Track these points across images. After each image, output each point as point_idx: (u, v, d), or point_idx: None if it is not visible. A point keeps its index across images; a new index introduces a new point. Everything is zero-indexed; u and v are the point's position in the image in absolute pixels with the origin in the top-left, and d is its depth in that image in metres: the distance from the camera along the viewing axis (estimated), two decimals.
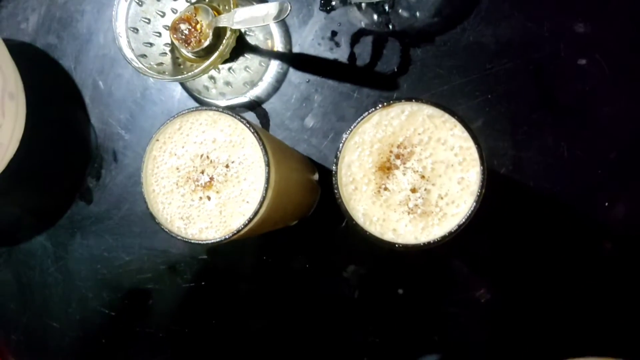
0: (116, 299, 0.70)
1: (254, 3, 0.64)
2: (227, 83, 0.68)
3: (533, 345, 0.60)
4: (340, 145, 0.44)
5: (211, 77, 0.68)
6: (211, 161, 0.47)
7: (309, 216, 0.65)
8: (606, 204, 0.58)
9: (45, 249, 0.72)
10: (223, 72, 0.68)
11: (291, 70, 0.67)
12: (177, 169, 0.48)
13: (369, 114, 0.44)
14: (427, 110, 0.44)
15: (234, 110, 0.68)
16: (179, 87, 0.70)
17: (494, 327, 0.61)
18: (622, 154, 0.58)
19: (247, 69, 0.68)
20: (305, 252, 0.65)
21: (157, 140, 0.48)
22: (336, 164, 0.44)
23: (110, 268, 0.70)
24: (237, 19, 0.58)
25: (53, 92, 0.73)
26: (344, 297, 0.64)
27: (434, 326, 0.62)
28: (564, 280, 0.59)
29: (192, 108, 0.48)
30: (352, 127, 0.44)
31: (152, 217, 0.48)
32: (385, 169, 0.44)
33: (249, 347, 0.66)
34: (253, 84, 0.68)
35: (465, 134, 0.42)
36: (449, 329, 0.62)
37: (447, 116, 0.43)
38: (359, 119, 0.44)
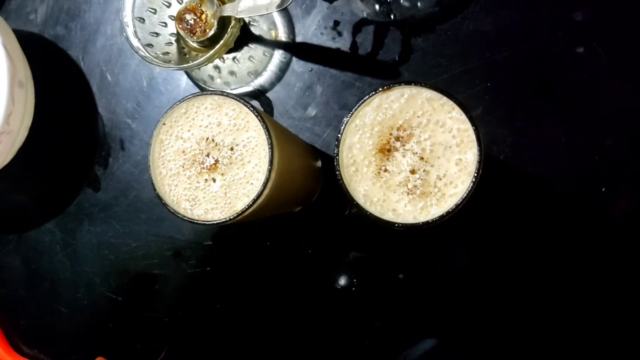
0: (123, 284, 0.71)
1: None
2: (232, 72, 0.69)
3: (532, 329, 0.61)
4: (342, 128, 0.46)
5: (216, 67, 0.69)
6: (216, 144, 0.49)
7: (312, 203, 0.66)
8: (603, 189, 0.59)
9: (54, 236, 0.73)
10: (227, 62, 0.69)
11: (294, 59, 0.68)
12: (184, 152, 0.49)
13: (369, 97, 0.45)
14: (426, 93, 0.45)
15: None
16: (185, 77, 0.71)
17: (494, 312, 0.62)
18: (618, 140, 0.59)
19: (251, 58, 0.69)
20: (308, 238, 0.66)
21: (164, 124, 0.50)
22: (337, 147, 0.46)
23: (117, 254, 0.71)
24: (241, 7, 0.59)
25: (61, 82, 0.74)
26: (346, 282, 0.65)
27: (434, 310, 0.63)
28: (562, 265, 0.60)
29: (198, 93, 0.49)
30: (353, 110, 0.46)
31: (159, 199, 0.49)
32: (385, 151, 0.45)
33: (252, 331, 0.68)
34: (257, 74, 0.69)
35: (463, 117, 0.44)
36: (448, 313, 0.63)
37: (445, 99, 0.44)
38: (359, 102, 0.45)
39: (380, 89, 0.45)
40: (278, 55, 0.69)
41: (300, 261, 0.66)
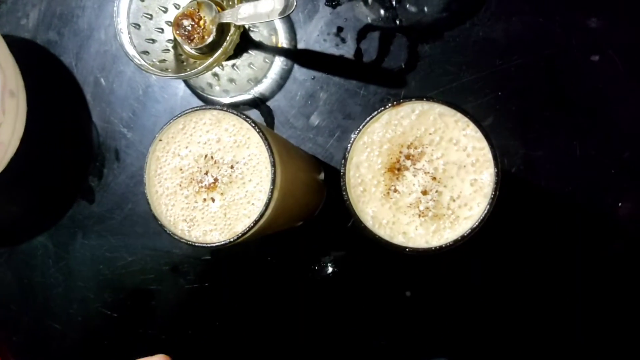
0: (118, 300, 0.69)
1: None
2: (231, 80, 0.67)
3: (545, 348, 0.58)
4: (349, 145, 0.43)
5: (215, 74, 0.66)
6: (215, 162, 0.46)
7: (314, 217, 0.64)
8: (619, 204, 0.57)
9: (47, 249, 0.70)
10: (227, 69, 0.66)
11: (296, 67, 0.65)
12: (181, 169, 0.47)
13: (378, 113, 0.43)
14: (439, 109, 0.42)
15: (237, 109, 0.66)
16: (182, 85, 0.68)
17: (504, 330, 0.60)
18: (635, 153, 0.57)
19: (251, 65, 0.66)
20: (311, 254, 0.64)
21: (160, 140, 0.47)
22: (344, 165, 0.43)
23: (113, 269, 0.69)
24: (241, 14, 0.56)
25: (54, 90, 0.72)
26: (350, 299, 0.63)
27: (442, 328, 0.61)
28: (575, 281, 0.58)
29: (196, 107, 0.47)
30: (360, 126, 0.43)
31: (155, 219, 0.47)
32: (395, 170, 0.43)
33: (252, 349, 0.65)
34: (257, 81, 0.66)
35: (479, 134, 0.41)
36: (457, 331, 0.61)
37: (459, 115, 0.42)
38: (367, 119, 0.43)
39: (389, 104, 0.43)
40: (279, 62, 0.66)
41: (302, 277, 0.64)
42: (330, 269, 0.63)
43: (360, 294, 0.63)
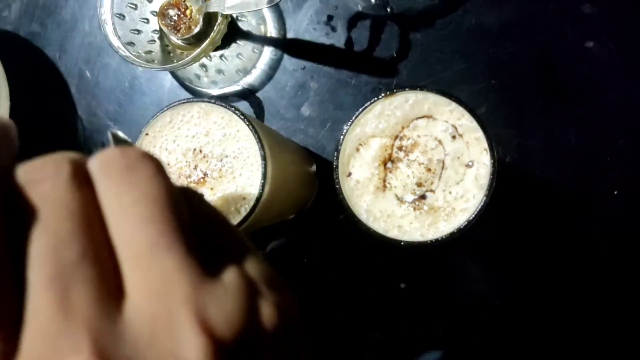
0: None
1: None
2: (219, 71, 0.65)
3: (538, 339, 0.58)
4: (341, 137, 0.42)
5: (202, 65, 0.65)
6: (204, 156, 0.45)
7: (306, 209, 0.63)
8: (615, 192, 0.56)
9: None
10: (215, 60, 0.65)
11: (285, 56, 0.64)
12: (169, 164, 0.46)
13: (370, 104, 0.42)
14: (433, 98, 0.41)
15: (226, 100, 0.65)
16: (169, 76, 0.67)
17: (499, 320, 0.59)
18: (631, 140, 0.56)
19: (240, 56, 0.65)
20: (304, 246, 0.63)
21: (147, 134, 0.46)
22: (337, 158, 0.42)
23: None
24: (229, 3, 0.55)
25: (38, 83, 0.70)
26: (344, 292, 0.62)
27: (438, 321, 0.60)
28: (570, 271, 0.57)
29: (183, 100, 0.45)
30: (353, 118, 0.42)
31: None
32: (389, 162, 0.42)
33: None
34: (246, 72, 0.65)
35: (474, 124, 0.40)
36: (453, 323, 0.60)
37: (454, 105, 0.41)
38: (360, 110, 0.42)
39: (382, 95, 0.41)
40: (268, 52, 0.65)
41: (295, 270, 0.63)
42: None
43: (354, 285, 0.62)
